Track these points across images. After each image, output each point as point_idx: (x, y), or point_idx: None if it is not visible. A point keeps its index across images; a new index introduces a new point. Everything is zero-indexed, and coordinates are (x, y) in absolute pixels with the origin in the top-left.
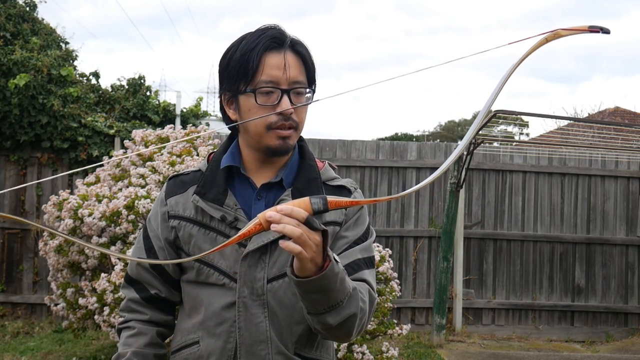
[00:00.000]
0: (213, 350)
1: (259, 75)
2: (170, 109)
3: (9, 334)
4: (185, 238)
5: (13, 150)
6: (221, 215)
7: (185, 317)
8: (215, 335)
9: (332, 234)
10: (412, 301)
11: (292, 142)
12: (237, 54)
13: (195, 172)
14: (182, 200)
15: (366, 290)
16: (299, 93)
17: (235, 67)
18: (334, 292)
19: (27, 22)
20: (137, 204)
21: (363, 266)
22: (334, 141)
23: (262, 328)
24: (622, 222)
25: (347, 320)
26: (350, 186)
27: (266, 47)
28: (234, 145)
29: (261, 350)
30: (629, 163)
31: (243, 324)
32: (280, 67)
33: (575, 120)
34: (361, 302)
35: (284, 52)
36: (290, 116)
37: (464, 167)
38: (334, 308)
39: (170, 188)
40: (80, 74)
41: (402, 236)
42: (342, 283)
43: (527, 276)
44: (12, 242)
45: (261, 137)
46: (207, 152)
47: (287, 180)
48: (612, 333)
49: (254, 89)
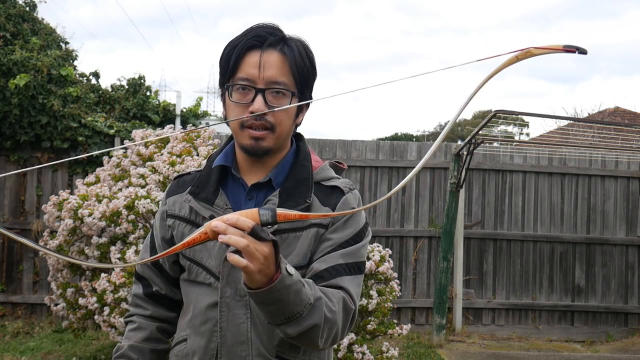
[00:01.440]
0: (197, 349)
1: (237, 73)
2: (170, 109)
3: (9, 334)
4: (179, 237)
5: (13, 150)
6: (210, 214)
7: (182, 314)
8: (200, 333)
9: (315, 236)
10: (412, 301)
11: (267, 144)
12: (225, 51)
13: (197, 172)
14: (179, 200)
15: (339, 298)
16: (277, 93)
17: (222, 64)
18: (288, 304)
19: (27, 22)
20: (137, 204)
21: (343, 272)
22: (334, 141)
23: (243, 329)
24: (622, 222)
25: (309, 332)
26: (344, 187)
27: (247, 45)
28: (229, 146)
29: (242, 351)
30: (629, 163)
31: (225, 324)
32: (256, 65)
33: (575, 120)
34: (328, 312)
35: (262, 52)
36: (263, 117)
37: (464, 167)
38: (291, 320)
39: (172, 188)
40: (80, 74)
41: (402, 236)
42: (297, 294)
43: (527, 276)
44: (12, 242)
45: (237, 135)
46: (207, 152)
47: (277, 180)
48: (612, 333)
49: (229, 85)
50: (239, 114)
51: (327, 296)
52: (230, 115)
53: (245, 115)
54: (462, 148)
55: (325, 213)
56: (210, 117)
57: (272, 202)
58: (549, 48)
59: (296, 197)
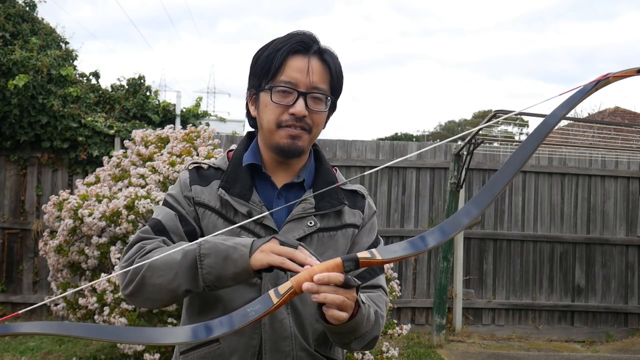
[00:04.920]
0: (237, 348)
1: (280, 75)
2: (170, 109)
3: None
4: (210, 228)
5: (13, 150)
6: (247, 210)
7: (195, 314)
8: (239, 332)
9: (352, 236)
10: (412, 301)
11: (302, 144)
12: (264, 53)
13: (215, 169)
14: (206, 191)
15: (384, 302)
16: (316, 98)
17: (261, 65)
18: (361, 327)
19: (26, 22)
20: (137, 204)
21: (378, 271)
22: (334, 141)
23: (286, 324)
24: (622, 222)
25: (370, 343)
26: (363, 192)
27: (292, 49)
28: (254, 144)
29: (285, 346)
30: (629, 163)
31: (267, 320)
32: (302, 70)
33: (575, 120)
34: (382, 320)
35: (309, 57)
36: (303, 118)
37: (464, 167)
38: (358, 338)
39: (194, 177)
40: (80, 74)
41: (402, 236)
42: (368, 319)
43: (527, 276)
44: (12, 242)
45: (272, 134)
46: (207, 152)
47: (307, 182)
48: (612, 333)
49: (272, 86)
50: (278, 115)
51: (377, 305)
52: (267, 115)
53: (284, 116)
54: (462, 148)
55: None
56: (209, 117)
57: (308, 202)
58: (625, 75)
59: (328, 198)
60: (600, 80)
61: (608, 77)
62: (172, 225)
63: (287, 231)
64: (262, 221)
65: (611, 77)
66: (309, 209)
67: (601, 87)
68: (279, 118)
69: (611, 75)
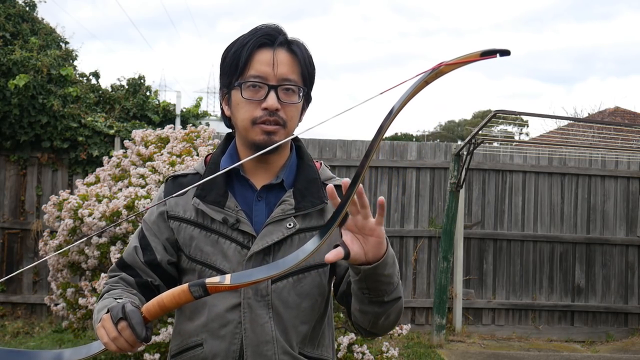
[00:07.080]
0: (218, 352)
1: (248, 71)
2: (170, 109)
3: (9, 334)
4: (186, 240)
5: (13, 150)
6: (222, 217)
7: (186, 319)
8: (220, 337)
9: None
10: (412, 301)
11: (278, 139)
12: (231, 51)
13: (193, 174)
14: (181, 202)
15: None
16: (288, 89)
17: (229, 63)
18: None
19: (26, 22)
20: (137, 204)
21: None
22: (334, 141)
23: (268, 328)
24: (622, 222)
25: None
26: None
27: (257, 43)
28: (231, 147)
29: (267, 350)
30: (629, 163)
31: (248, 324)
32: (269, 63)
33: (575, 120)
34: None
35: (274, 49)
36: (276, 112)
37: (464, 167)
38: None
39: (169, 189)
40: (80, 74)
41: (402, 236)
42: (394, 262)
43: (527, 276)
44: (12, 242)
45: (247, 131)
46: (207, 152)
47: (287, 181)
48: (612, 333)
49: (241, 82)
50: (251, 112)
51: None
52: (241, 113)
53: (257, 112)
54: (462, 148)
55: None
56: (210, 117)
57: (287, 203)
58: (464, 61)
59: (309, 197)
60: (435, 68)
61: (441, 65)
62: (132, 259)
63: (265, 234)
64: (238, 227)
65: (444, 67)
66: (288, 210)
67: (432, 80)
68: (252, 115)
69: (444, 63)
